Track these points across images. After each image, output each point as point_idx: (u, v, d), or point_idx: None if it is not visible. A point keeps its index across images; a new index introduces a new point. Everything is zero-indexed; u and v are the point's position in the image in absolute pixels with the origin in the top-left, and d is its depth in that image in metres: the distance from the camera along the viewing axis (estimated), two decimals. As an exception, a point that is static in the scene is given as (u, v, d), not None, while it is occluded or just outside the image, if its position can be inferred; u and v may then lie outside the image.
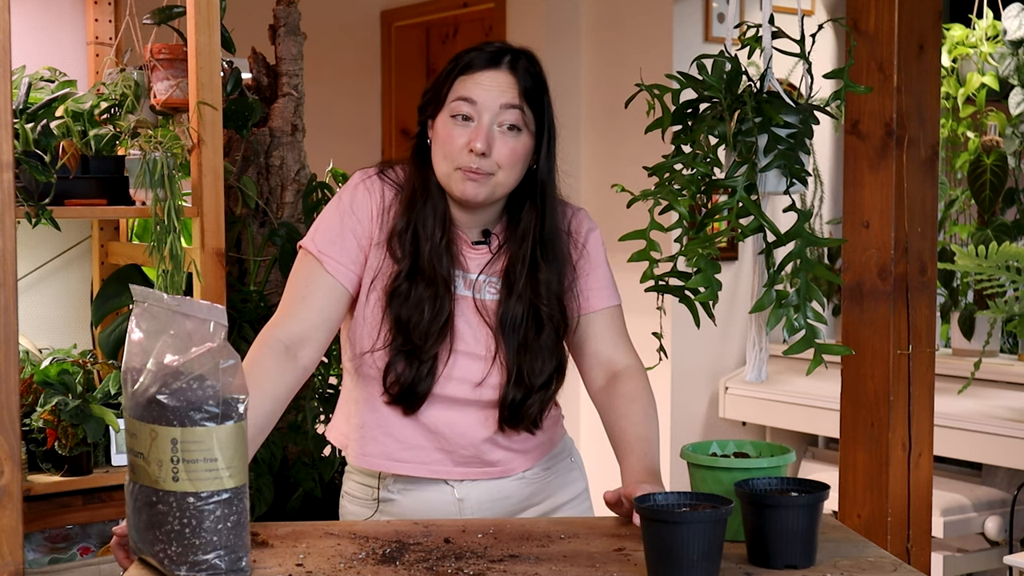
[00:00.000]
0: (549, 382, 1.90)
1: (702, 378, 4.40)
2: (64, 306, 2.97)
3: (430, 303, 1.84)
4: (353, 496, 1.98)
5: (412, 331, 1.84)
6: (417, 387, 1.85)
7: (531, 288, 1.88)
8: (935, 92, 2.39)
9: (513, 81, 1.84)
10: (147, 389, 1.46)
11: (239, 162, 2.93)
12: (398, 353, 1.85)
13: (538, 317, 1.88)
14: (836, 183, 4.60)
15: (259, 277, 2.92)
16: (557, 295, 1.90)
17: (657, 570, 1.46)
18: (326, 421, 2.86)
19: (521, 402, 1.87)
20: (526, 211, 1.91)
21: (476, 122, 1.83)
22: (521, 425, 1.89)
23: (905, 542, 2.39)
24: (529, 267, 1.89)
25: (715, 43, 4.28)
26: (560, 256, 1.91)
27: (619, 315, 1.98)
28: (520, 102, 1.84)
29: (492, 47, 1.87)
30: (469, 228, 1.92)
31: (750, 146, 1.83)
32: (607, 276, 1.98)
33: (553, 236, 1.91)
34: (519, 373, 1.87)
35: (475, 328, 1.88)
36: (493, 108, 1.83)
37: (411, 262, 1.86)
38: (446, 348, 1.86)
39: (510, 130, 1.84)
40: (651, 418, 1.89)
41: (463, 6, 5.06)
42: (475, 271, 1.90)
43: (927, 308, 2.38)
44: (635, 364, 1.95)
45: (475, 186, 1.83)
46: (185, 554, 1.45)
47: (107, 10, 2.96)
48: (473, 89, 1.83)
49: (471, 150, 1.81)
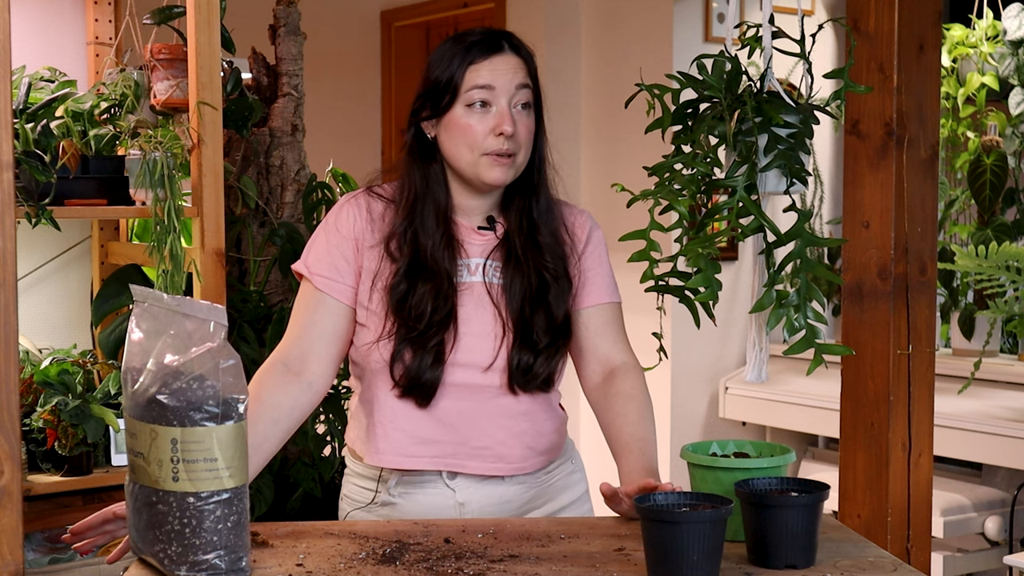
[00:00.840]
0: (555, 339, 1.90)
1: (702, 378, 4.40)
2: (64, 306, 2.97)
3: (432, 296, 1.86)
4: (352, 499, 1.97)
5: (416, 321, 1.86)
6: (424, 375, 1.86)
7: (533, 254, 1.91)
8: (935, 92, 2.39)
9: (520, 61, 1.90)
10: (147, 389, 1.46)
11: (239, 162, 2.93)
12: (402, 342, 1.86)
13: (542, 277, 1.91)
14: (836, 183, 4.60)
15: (259, 277, 2.92)
16: (560, 256, 1.94)
17: (657, 570, 1.46)
18: (326, 421, 2.87)
19: (529, 365, 1.88)
20: (522, 184, 1.94)
21: (495, 107, 1.87)
22: (532, 385, 1.90)
23: (905, 542, 2.39)
24: (528, 237, 1.92)
25: (715, 43, 4.28)
26: (555, 227, 1.95)
27: (618, 313, 1.99)
28: (528, 80, 1.90)
29: (475, 35, 1.90)
30: (474, 215, 1.94)
31: (750, 146, 1.83)
32: (608, 275, 1.99)
33: (547, 209, 1.95)
34: (526, 333, 1.88)
35: (483, 311, 1.89)
36: (509, 90, 1.87)
37: (411, 259, 1.88)
38: (451, 334, 1.87)
39: (524, 108, 1.89)
40: (648, 418, 1.90)
41: (463, 6, 5.06)
42: (480, 256, 1.92)
43: (927, 308, 2.38)
44: (632, 362, 1.96)
45: (503, 170, 1.88)
46: (185, 554, 1.45)
47: (107, 10, 2.97)
48: (488, 76, 1.87)
49: (500, 133, 1.86)
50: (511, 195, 1.95)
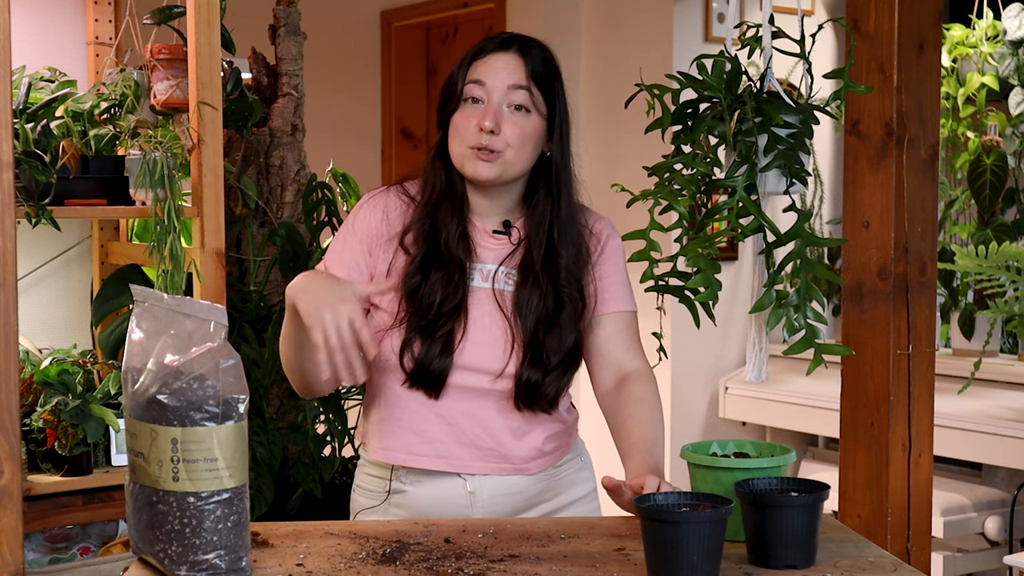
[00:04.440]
0: (566, 361, 1.90)
1: (702, 378, 4.40)
2: (64, 306, 2.97)
3: (443, 284, 1.88)
4: (365, 489, 1.99)
5: (426, 308, 1.87)
6: (432, 365, 1.86)
7: (549, 272, 1.91)
8: (935, 92, 2.39)
9: (521, 63, 1.90)
10: (147, 389, 1.46)
11: (239, 162, 2.93)
12: (413, 330, 1.87)
13: (558, 297, 1.90)
14: (836, 183, 4.60)
15: (259, 277, 2.92)
16: (576, 277, 1.93)
17: (657, 570, 1.46)
18: (326, 421, 2.87)
19: (537, 383, 1.88)
20: (542, 198, 1.94)
21: (486, 103, 1.88)
22: (537, 405, 1.90)
23: (905, 542, 2.39)
24: (546, 252, 1.92)
25: (715, 43, 4.28)
26: (576, 241, 1.94)
27: (633, 321, 1.99)
28: (528, 83, 1.89)
29: (505, 35, 1.94)
30: (488, 216, 1.94)
31: (750, 146, 1.83)
32: (623, 283, 1.99)
33: (568, 221, 1.94)
34: (536, 353, 1.88)
35: (493, 318, 1.89)
36: (501, 88, 1.88)
37: (426, 250, 1.90)
38: (460, 327, 1.88)
39: (518, 110, 1.89)
40: (657, 421, 1.90)
41: (463, 6, 5.06)
42: (493, 262, 1.92)
43: (927, 308, 2.39)
44: (645, 369, 1.96)
45: (486, 166, 1.87)
46: (185, 554, 1.45)
47: (107, 10, 2.96)
48: (482, 71, 1.89)
49: (480, 128, 1.86)
50: (530, 200, 1.95)
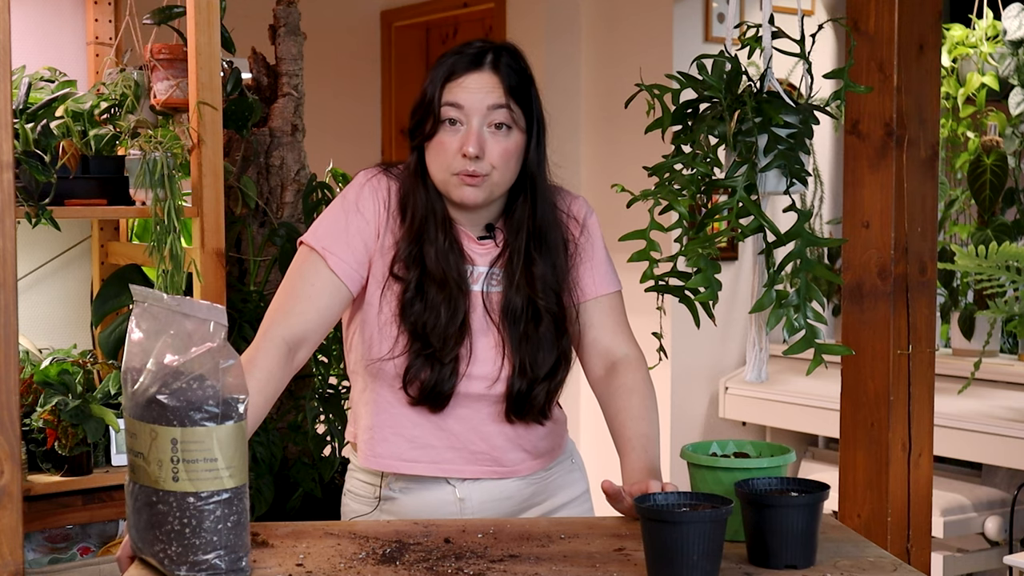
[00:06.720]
0: (553, 372, 1.89)
1: (702, 378, 4.40)
2: (64, 306, 2.97)
3: (445, 306, 1.84)
4: (355, 494, 1.98)
5: (430, 336, 1.84)
6: (441, 387, 1.85)
7: (527, 281, 1.88)
8: (935, 92, 2.39)
9: (497, 81, 1.84)
10: (147, 389, 1.46)
11: (239, 162, 2.93)
12: (417, 357, 1.84)
13: (536, 309, 1.88)
14: (836, 183, 4.60)
15: (259, 277, 2.92)
16: (553, 288, 1.90)
17: (657, 570, 1.46)
18: (326, 421, 2.87)
19: (527, 393, 1.87)
20: (519, 204, 1.91)
21: (466, 126, 1.83)
22: (529, 416, 1.89)
23: (905, 542, 2.39)
24: (524, 260, 1.89)
25: (715, 43, 4.28)
26: (554, 247, 1.91)
27: (618, 301, 1.97)
28: (507, 101, 1.83)
29: (472, 48, 1.86)
30: (472, 226, 1.92)
31: (750, 146, 1.83)
32: (606, 262, 1.97)
33: (545, 227, 1.91)
34: (522, 364, 1.87)
35: (485, 323, 1.88)
36: (480, 110, 1.82)
37: (420, 271, 1.85)
38: (466, 347, 1.86)
39: (499, 129, 1.83)
40: (650, 410, 1.89)
41: (463, 6, 5.06)
42: (484, 265, 1.90)
43: (927, 308, 2.38)
44: (634, 354, 1.95)
45: (474, 191, 1.84)
46: (185, 554, 1.45)
47: (107, 10, 2.96)
48: (459, 94, 1.83)
49: (464, 154, 1.81)
50: (510, 205, 1.92)
